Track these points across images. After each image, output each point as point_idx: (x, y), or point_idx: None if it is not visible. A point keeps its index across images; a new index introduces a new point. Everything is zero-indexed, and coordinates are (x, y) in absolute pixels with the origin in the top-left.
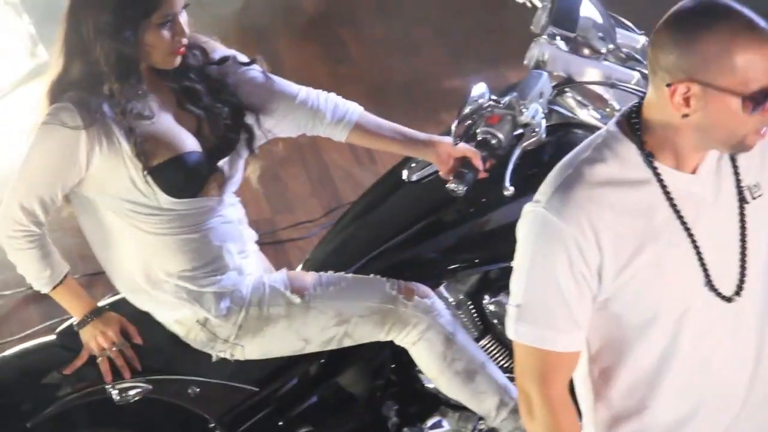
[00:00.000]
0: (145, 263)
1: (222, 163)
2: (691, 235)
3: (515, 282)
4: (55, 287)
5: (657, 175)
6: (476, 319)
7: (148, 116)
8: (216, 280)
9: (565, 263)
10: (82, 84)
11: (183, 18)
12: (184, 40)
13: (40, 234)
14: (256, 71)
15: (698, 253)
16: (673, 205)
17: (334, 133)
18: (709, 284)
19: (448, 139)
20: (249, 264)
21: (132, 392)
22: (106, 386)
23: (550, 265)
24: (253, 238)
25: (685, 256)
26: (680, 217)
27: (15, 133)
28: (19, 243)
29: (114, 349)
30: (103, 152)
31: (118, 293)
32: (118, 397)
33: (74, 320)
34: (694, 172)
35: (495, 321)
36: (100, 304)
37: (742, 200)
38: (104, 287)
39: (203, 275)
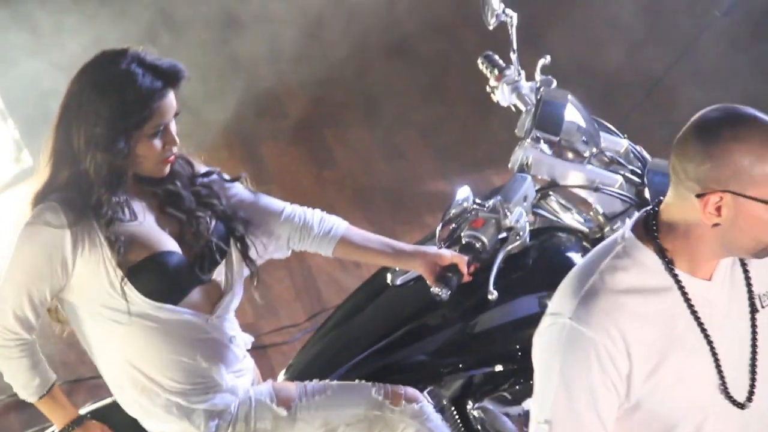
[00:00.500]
0: (135, 373)
1: (217, 276)
2: (710, 343)
3: (541, 397)
4: (41, 397)
5: (678, 282)
6: (460, 425)
7: (131, 220)
8: (208, 398)
9: (598, 373)
10: (69, 192)
11: (173, 127)
12: (175, 149)
13: (32, 341)
14: (240, 188)
15: (716, 360)
16: (694, 312)
17: (321, 248)
18: (725, 391)
19: (434, 249)
20: (244, 383)
21: None
22: None
23: (582, 376)
24: (248, 346)
25: (704, 363)
26: (701, 325)
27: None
28: (11, 352)
29: None
30: (84, 253)
31: (101, 399)
32: None
33: (55, 429)
34: (708, 279)
35: (478, 427)
36: (85, 410)
37: (753, 308)
38: (85, 394)
39: (194, 393)
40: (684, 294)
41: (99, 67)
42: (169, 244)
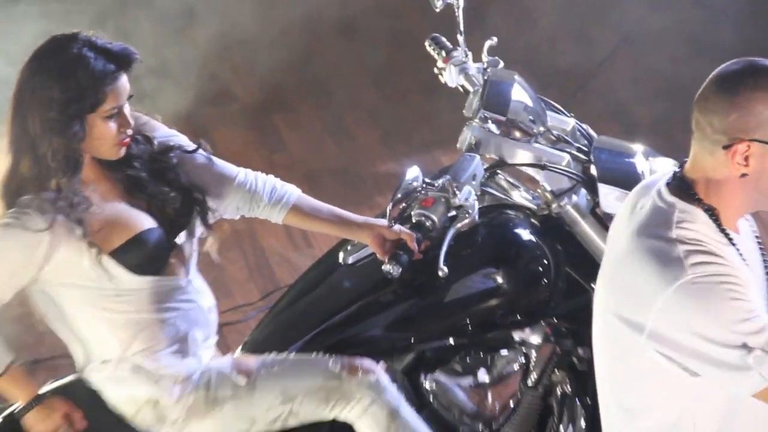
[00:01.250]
0: (103, 341)
1: (181, 240)
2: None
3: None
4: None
5: (730, 239)
6: (413, 396)
7: (88, 206)
8: (175, 364)
9: None
10: (32, 181)
11: (127, 109)
12: (129, 131)
13: None
14: (199, 153)
15: None
16: (744, 260)
17: (272, 215)
18: None
19: (384, 222)
20: (208, 354)
21: None
22: None
23: None
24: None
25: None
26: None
27: None
28: None
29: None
30: (63, 248)
31: (62, 377)
32: None
33: (17, 406)
34: (738, 232)
35: (431, 397)
36: (47, 387)
37: (764, 256)
38: (46, 373)
39: (164, 356)
40: (737, 249)
41: (50, 53)
42: (146, 222)
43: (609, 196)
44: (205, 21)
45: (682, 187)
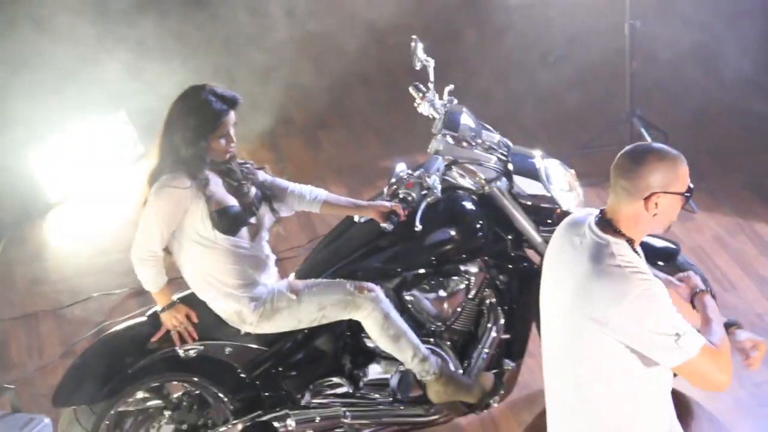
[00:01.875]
0: (207, 275)
1: (254, 219)
2: None
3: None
4: (159, 289)
5: (640, 256)
6: (398, 305)
7: (208, 184)
8: (250, 291)
9: None
10: (179, 169)
11: (232, 132)
12: (233, 146)
13: (160, 256)
14: (264, 174)
15: None
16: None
17: (312, 208)
18: None
19: (380, 203)
20: (269, 280)
21: (191, 352)
22: (177, 348)
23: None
24: (274, 259)
25: None
26: None
27: (123, 202)
28: (148, 263)
29: (181, 325)
30: (193, 205)
31: (185, 291)
32: (183, 355)
33: (158, 308)
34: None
35: (410, 306)
36: (174, 298)
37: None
38: (172, 288)
39: (243, 289)
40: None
41: (188, 96)
42: (231, 200)
43: (520, 182)
44: (280, 73)
45: (609, 226)
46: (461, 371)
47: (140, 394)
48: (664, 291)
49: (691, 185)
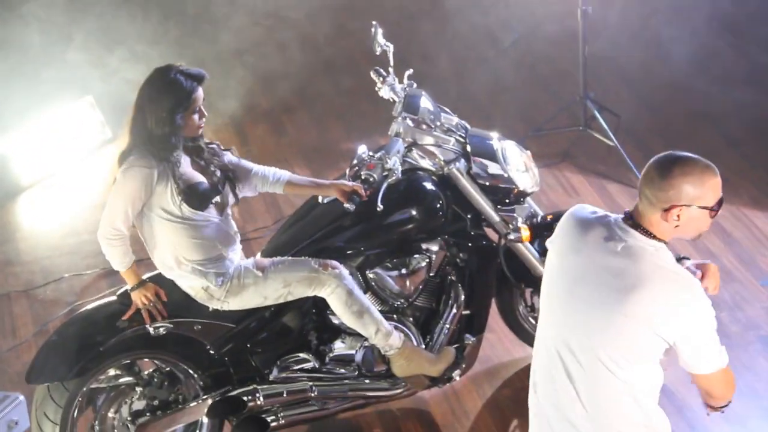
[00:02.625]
0: (175, 252)
1: (220, 198)
2: None
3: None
4: (126, 269)
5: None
6: (362, 283)
7: (179, 164)
8: (216, 266)
9: None
10: (148, 149)
11: (203, 107)
12: (204, 120)
13: (126, 236)
14: (230, 155)
15: None
16: None
17: (275, 189)
18: None
19: (342, 182)
20: (236, 257)
21: (162, 330)
22: (147, 326)
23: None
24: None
25: None
26: None
27: (92, 185)
28: (112, 242)
29: (151, 303)
30: (161, 183)
31: (152, 273)
32: (154, 333)
33: (128, 287)
34: None
35: (373, 284)
36: (143, 277)
37: None
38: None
39: (210, 264)
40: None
41: (157, 78)
42: (199, 177)
43: (478, 163)
44: (244, 59)
45: (645, 231)
46: (424, 346)
47: (112, 371)
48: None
49: (721, 197)
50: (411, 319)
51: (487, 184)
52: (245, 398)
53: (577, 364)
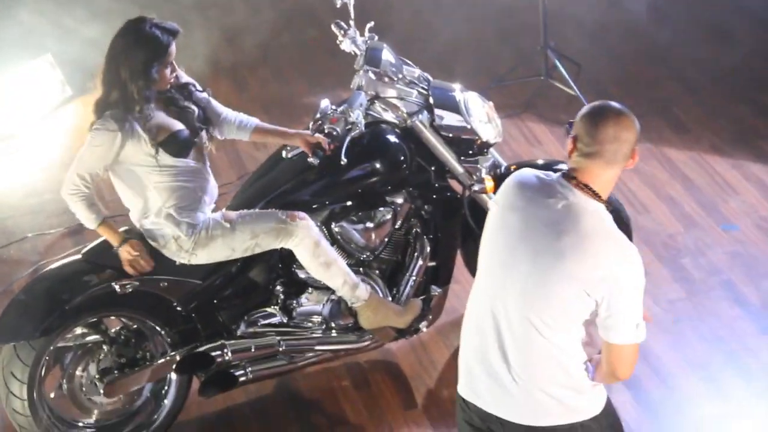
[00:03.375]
0: (155, 197)
1: (199, 139)
2: None
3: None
4: (99, 225)
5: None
6: (327, 236)
7: (152, 117)
8: (191, 215)
9: None
10: (119, 105)
11: (174, 61)
12: (176, 73)
13: (89, 193)
14: (205, 95)
15: None
16: None
17: (241, 136)
18: None
19: (308, 132)
20: (209, 209)
21: (128, 287)
22: (113, 284)
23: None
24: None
25: None
26: None
27: (54, 144)
28: (74, 198)
29: (139, 255)
30: (132, 143)
31: (124, 228)
32: (120, 291)
33: (116, 246)
34: None
35: (338, 237)
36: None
37: None
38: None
39: (185, 212)
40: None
41: (131, 30)
42: (178, 125)
43: (441, 115)
44: (205, 14)
45: (590, 191)
46: (390, 298)
47: (79, 330)
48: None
49: None
50: (377, 271)
51: (450, 135)
52: (213, 354)
53: (508, 322)
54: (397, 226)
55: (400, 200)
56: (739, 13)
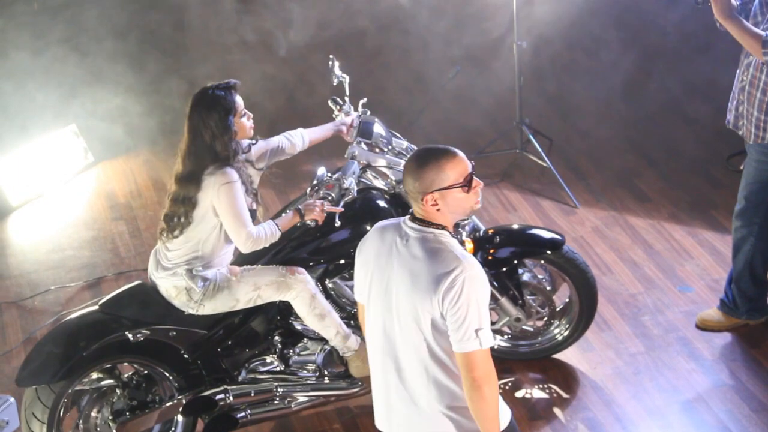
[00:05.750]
0: (201, 253)
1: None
2: None
3: (483, 313)
4: (283, 228)
5: (461, 241)
6: (322, 291)
7: (244, 169)
8: (205, 271)
9: None
10: (217, 164)
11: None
12: (251, 121)
13: (256, 236)
14: (259, 144)
15: None
16: None
17: (302, 148)
18: None
19: (340, 122)
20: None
21: (139, 336)
22: (126, 332)
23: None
24: None
25: None
26: None
27: (76, 205)
28: (257, 243)
29: (323, 212)
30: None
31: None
32: (133, 339)
33: (303, 220)
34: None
35: (332, 292)
36: (123, 289)
37: None
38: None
39: (206, 269)
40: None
41: (200, 101)
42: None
43: None
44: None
45: (423, 222)
46: None
47: (95, 375)
48: (486, 278)
49: (470, 173)
50: None
51: None
52: (216, 398)
53: (396, 350)
54: None
55: None
56: (692, 94)
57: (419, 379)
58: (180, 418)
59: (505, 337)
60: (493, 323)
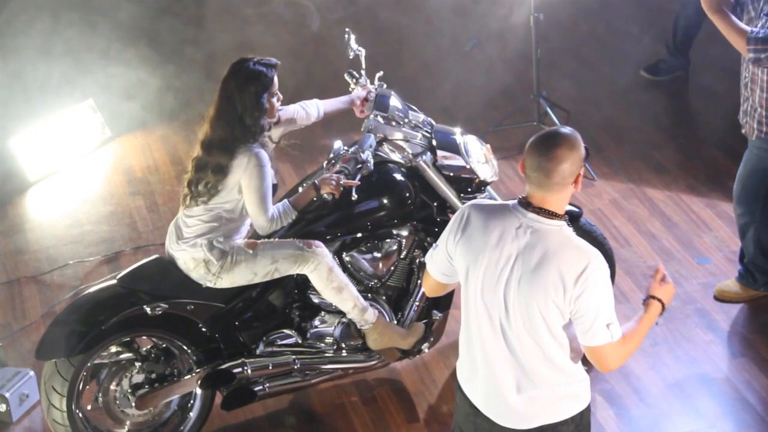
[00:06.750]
0: (222, 225)
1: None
2: None
3: (612, 307)
4: (300, 204)
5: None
6: (339, 264)
7: (268, 145)
8: (225, 243)
9: None
10: (244, 139)
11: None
12: (280, 103)
13: (277, 214)
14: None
15: None
16: None
17: (316, 119)
18: None
19: (355, 95)
20: (240, 238)
21: (158, 309)
22: (144, 306)
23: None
24: None
25: None
26: None
27: (94, 180)
28: (276, 221)
29: (338, 185)
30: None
31: (150, 257)
32: (151, 313)
33: (319, 194)
34: None
35: (349, 266)
36: (139, 263)
37: None
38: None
39: (225, 240)
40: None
41: (240, 70)
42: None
43: (442, 156)
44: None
45: (547, 213)
46: (395, 322)
47: (113, 348)
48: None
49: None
50: (384, 297)
51: (451, 174)
52: (234, 371)
53: (507, 340)
54: (402, 256)
55: (405, 233)
56: (711, 66)
57: (534, 363)
58: (198, 390)
59: None
60: None
